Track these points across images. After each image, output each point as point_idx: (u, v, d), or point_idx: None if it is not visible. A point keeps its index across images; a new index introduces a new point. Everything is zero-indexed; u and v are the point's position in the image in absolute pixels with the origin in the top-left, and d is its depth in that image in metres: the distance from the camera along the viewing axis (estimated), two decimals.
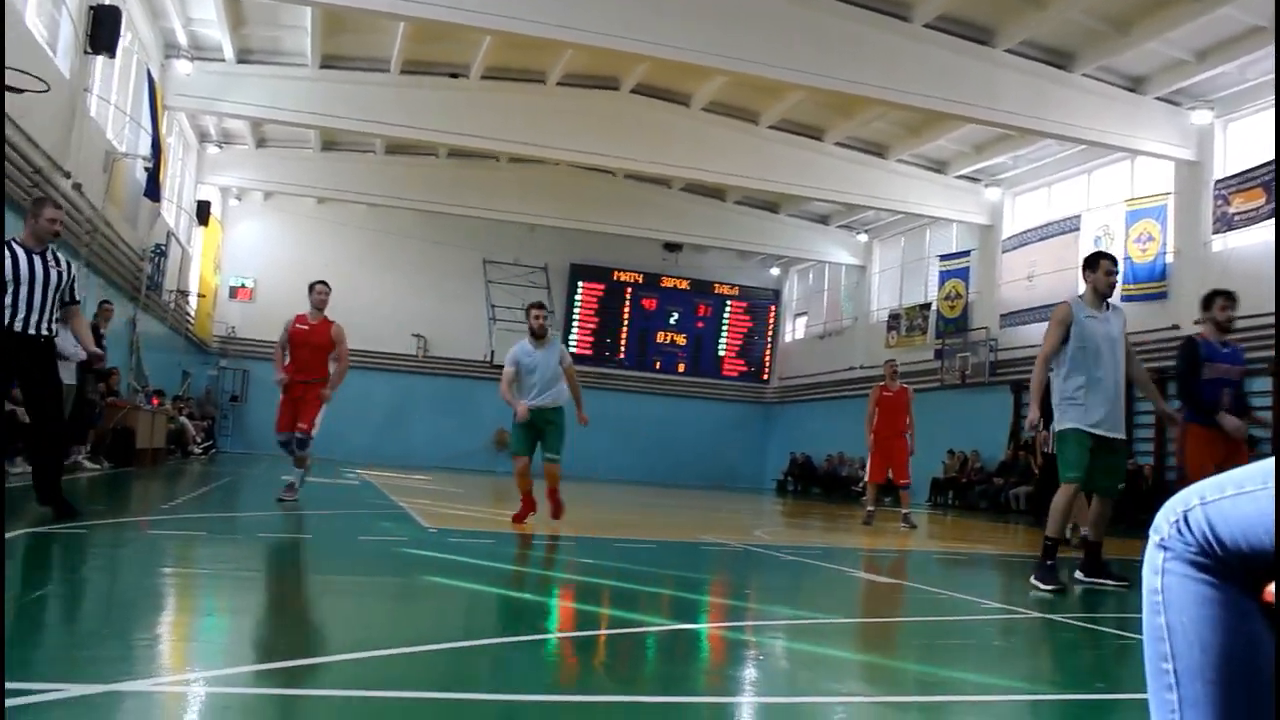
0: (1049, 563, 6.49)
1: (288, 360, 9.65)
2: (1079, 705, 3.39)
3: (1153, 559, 1.67)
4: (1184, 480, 7.68)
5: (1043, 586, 6.31)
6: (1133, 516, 18.09)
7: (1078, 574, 6.86)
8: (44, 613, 3.86)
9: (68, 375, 12.85)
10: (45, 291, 6.71)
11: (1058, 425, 6.78)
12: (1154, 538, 1.68)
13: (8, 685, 2.52)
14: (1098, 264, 6.84)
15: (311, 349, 9.66)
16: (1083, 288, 6.94)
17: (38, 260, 6.71)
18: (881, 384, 13.53)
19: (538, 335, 9.13)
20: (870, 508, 13.21)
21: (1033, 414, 7.17)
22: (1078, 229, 21.41)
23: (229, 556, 6.08)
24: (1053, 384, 6.76)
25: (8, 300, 6.50)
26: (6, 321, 6.50)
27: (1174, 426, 7.49)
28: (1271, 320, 15.24)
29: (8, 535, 5.76)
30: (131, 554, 5.93)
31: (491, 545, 7.56)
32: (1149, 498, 18.37)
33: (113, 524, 7.11)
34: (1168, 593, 1.63)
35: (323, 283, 9.97)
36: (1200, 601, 1.59)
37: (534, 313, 9.18)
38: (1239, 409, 7.20)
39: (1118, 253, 20.19)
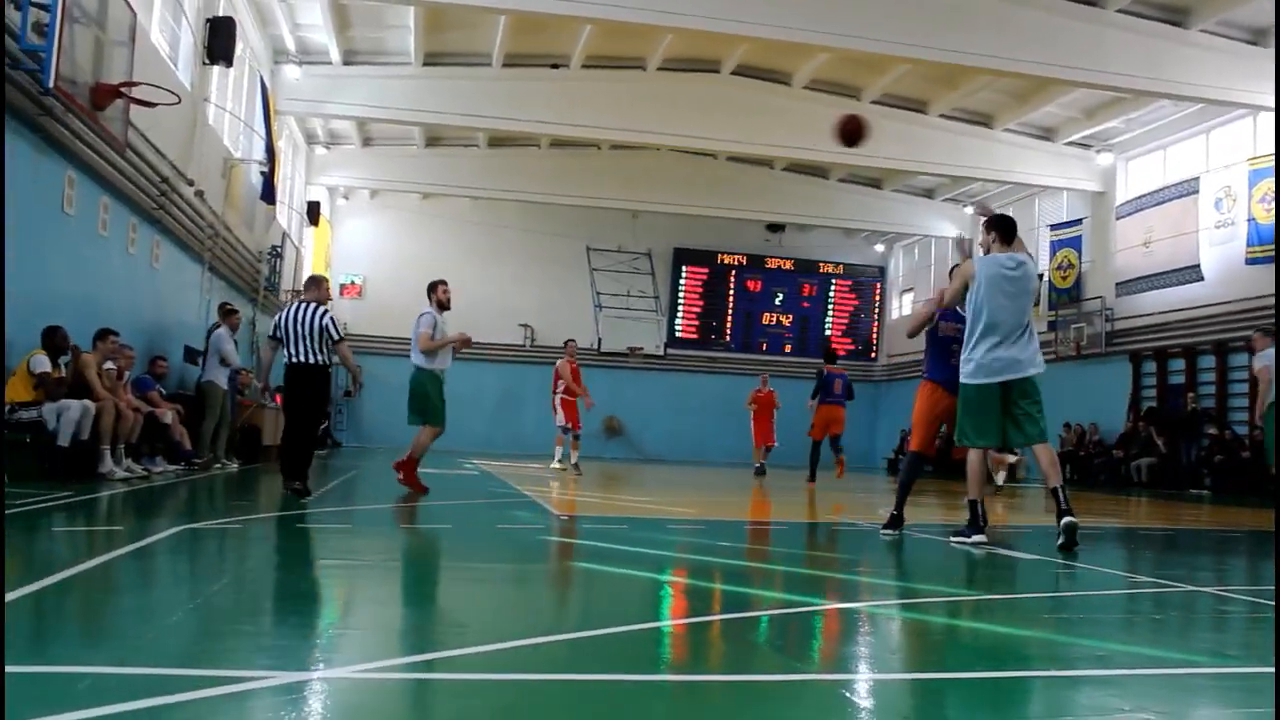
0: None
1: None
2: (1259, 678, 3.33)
3: None
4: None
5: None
6: (1262, 486, 17.61)
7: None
8: (225, 604, 4.04)
9: (222, 379, 13.52)
10: None
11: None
12: None
13: (201, 672, 2.66)
14: None
15: None
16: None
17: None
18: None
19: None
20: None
21: None
22: (1197, 191, 20.76)
23: (381, 548, 6.26)
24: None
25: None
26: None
27: None
28: None
29: (166, 532, 6.01)
30: (291, 547, 6.13)
31: (626, 530, 7.65)
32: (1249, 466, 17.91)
33: (263, 519, 7.37)
34: None
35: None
36: None
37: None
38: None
39: (1240, 214, 19.62)
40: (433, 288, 11.04)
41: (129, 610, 3.79)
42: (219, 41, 15.17)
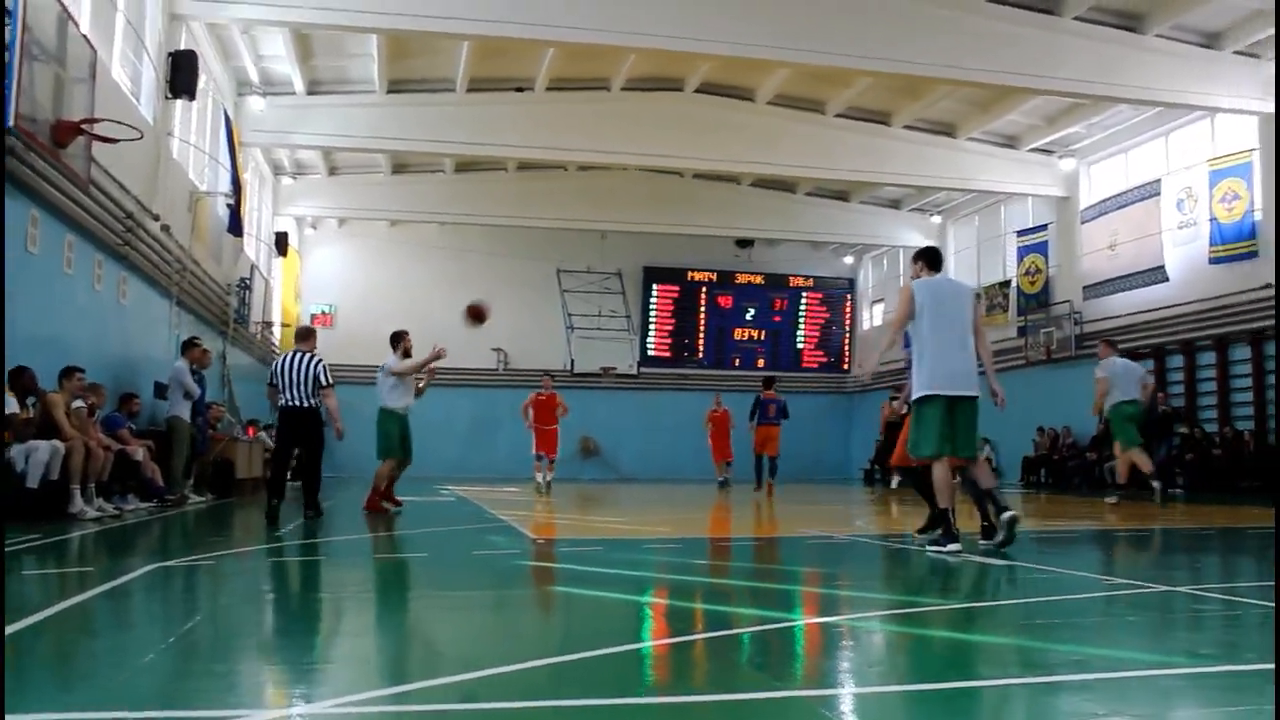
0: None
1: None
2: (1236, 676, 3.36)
3: None
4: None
5: None
6: (1234, 485, 17.79)
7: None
8: (200, 642, 4.00)
9: (185, 413, 13.35)
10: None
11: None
12: None
13: (177, 713, 2.63)
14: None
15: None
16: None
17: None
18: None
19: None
20: None
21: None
22: (1159, 193, 20.99)
23: (357, 579, 6.23)
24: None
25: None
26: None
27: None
28: None
29: (139, 571, 5.96)
30: (265, 581, 6.09)
31: (603, 552, 7.63)
32: (1251, 464, 18.01)
33: (236, 554, 7.31)
34: None
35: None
36: None
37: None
38: None
39: (1202, 215, 19.85)
40: (398, 338, 11.92)
41: (103, 652, 3.75)
42: (181, 75, 15.11)
